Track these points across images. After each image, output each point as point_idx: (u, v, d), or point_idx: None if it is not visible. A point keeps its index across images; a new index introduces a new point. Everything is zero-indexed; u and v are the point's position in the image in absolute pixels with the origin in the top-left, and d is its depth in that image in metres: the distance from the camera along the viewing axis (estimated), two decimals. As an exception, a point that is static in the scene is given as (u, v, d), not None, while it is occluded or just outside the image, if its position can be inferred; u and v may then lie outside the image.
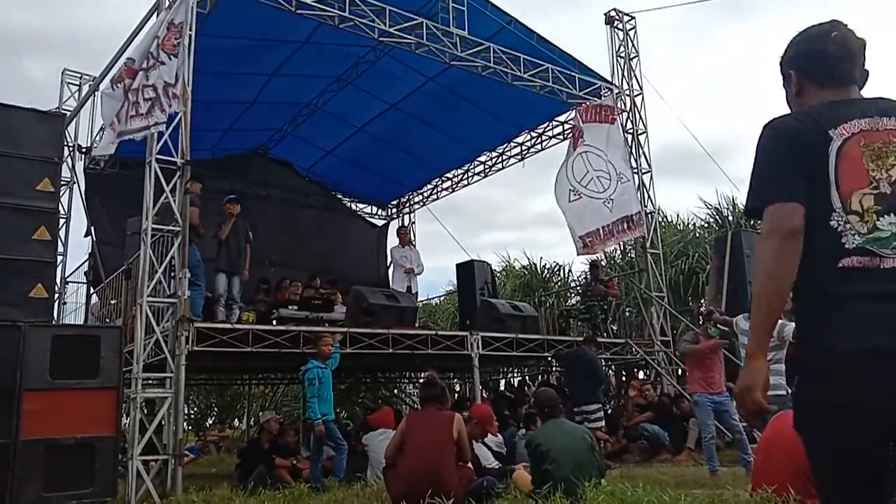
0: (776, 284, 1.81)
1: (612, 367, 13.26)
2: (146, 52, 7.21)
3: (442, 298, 20.51)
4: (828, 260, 1.80)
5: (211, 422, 19.83)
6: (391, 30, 9.14)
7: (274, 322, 9.30)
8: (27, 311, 5.69)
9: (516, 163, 13.91)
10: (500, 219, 53.38)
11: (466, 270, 11.22)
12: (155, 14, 7.78)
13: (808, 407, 1.82)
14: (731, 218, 18.20)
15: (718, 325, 7.02)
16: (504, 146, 13.91)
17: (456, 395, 14.18)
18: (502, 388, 15.28)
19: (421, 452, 5.02)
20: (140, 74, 7.13)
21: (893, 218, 1.80)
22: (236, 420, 19.73)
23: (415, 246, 14.44)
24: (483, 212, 50.26)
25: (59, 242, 9.28)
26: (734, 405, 7.69)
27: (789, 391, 5.46)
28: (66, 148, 8.86)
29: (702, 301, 14.68)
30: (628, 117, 11.80)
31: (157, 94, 6.87)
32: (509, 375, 15.66)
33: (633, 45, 12.11)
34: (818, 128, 1.89)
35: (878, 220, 1.80)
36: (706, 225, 18.76)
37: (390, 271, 11.44)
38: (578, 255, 11.19)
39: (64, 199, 10.51)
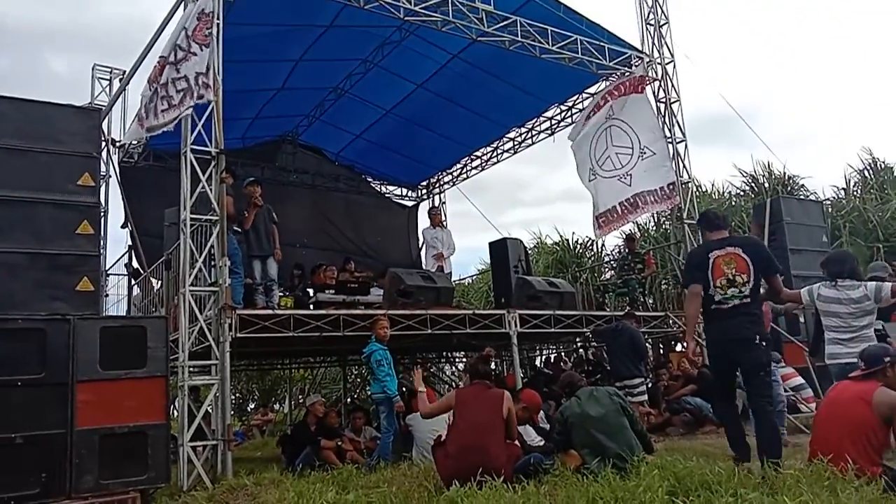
0: (691, 310, 4.98)
1: (651, 340, 13.14)
2: (175, 45, 7.23)
3: (474, 278, 20.50)
4: (709, 304, 4.81)
5: (253, 406, 20.17)
6: (416, 8, 9.04)
7: (312, 306, 9.40)
8: (75, 304, 5.81)
9: (546, 137, 13.75)
10: (527, 196, 53.16)
11: (500, 248, 11.14)
12: (182, 5, 7.79)
13: (708, 356, 5.30)
14: (767, 185, 17.87)
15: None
16: (533, 121, 13.75)
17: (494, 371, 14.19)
18: (538, 364, 15.27)
19: (471, 431, 5.04)
20: (169, 67, 7.16)
21: (731, 289, 4.71)
22: (277, 404, 20.03)
23: (446, 227, 14.44)
24: (509, 189, 50.06)
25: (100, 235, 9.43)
26: (780, 374, 7.67)
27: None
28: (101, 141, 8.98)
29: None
30: (660, 86, 11.55)
31: (189, 84, 6.90)
32: (545, 352, 15.64)
33: (662, 11, 11.82)
34: (706, 252, 4.89)
35: (726, 290, 4.73)
36: (742, 193, 18.44)
37: (422, 253, 11.43)
38: (596, 237, 11.19)
39: (101, 193, 10.66)
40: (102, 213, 10.88)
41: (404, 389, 10.37)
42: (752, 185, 18.35)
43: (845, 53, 60.27)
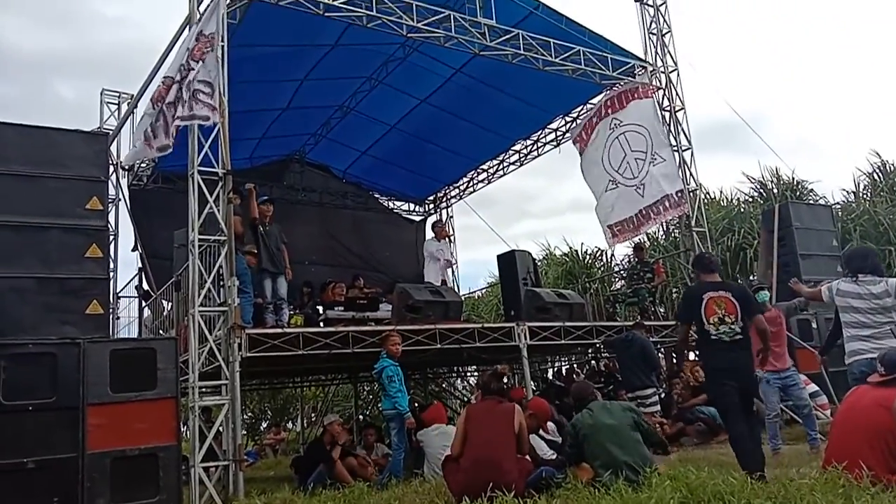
0: (681, 344, 6.47)
1: (663, 349, 13.07)
2: (179, 65, 7.34)
3: (484, 291, 20.47)
4: (706, 338, 5.27)
5: (265, 425, 20.14)
6: (419, 25, 9.10)
7: (321, 324, 9.41)
8: (85, 327, 5.85)
9: (552, 149, 13.73)
10: (534, 207, 53.11)
11: (508, 261, 11.12)
12: (188, 27, 7.89)
13: (707, 382, 6.11)
14: (775, 190, 17.79)
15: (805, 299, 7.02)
16: (538, 133, 13.75)
17: (506, 386, 14.11)
18: (550, 376, 15.19)
19: (483, 445, 5.02)
20: (175, 86, 7.25)
21: (723, 326, 5.19)
22: (290, 422, 20.01)
23: (451, 240, 14.45)
24: (516, 202, 50.06)
25: (110, 259, 9.52)
26: (802, 378, 7.58)
27: None
28: (110, 166, 9.08)
29: (751, 276, 14.37)
30: (664, 94, 11.56)
31: (191, 92, 6.98)
32: (557, 364, 15.56)
33: (664, 20, 11.85)
34: (700, 293, 5.38)
35: (719, 326, 5.21)
36: (750, 199, 18.36)
37: (425, 265, 11.34)
38: (609, 245, 11.17)
39: (111, 216, 10.77)
40: (112, 236, 11.00)
41: (416, 405, 10.35)
42: (761, 191, 18.27)
43: (852, 61, 60.02)
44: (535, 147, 14.09)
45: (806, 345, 9.54)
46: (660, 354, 11.70)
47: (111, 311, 9.90)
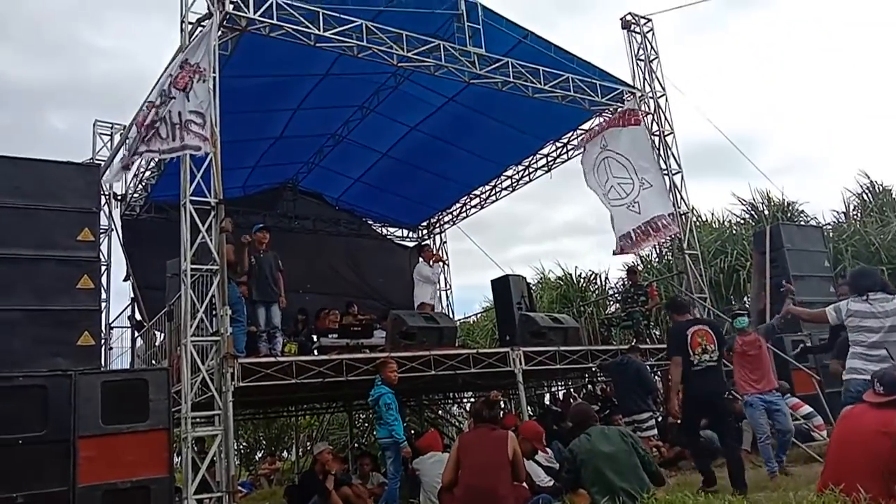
0: (675, 377, 6.43)
1: (659, 372, 13.04)
2: (161, 91, 7.38)
3: (478, 316, 20.43)
4: (689, 367, 6.23)
5: (260, 455, 19.93)
6: (409, 54, 9.20)
7: (315, 352, 9.37)
8: (76, 359, 5.83)
9: (543, 174, 13.82)
10: (527, 232, 53.20)
11: (502, 285, 11.14)
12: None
13: (685, 407, 6.58)
14: (766, 212, 17.90)
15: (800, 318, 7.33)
16: (530, 159, 13.85)
17: (502, 412, 14.04)
18: (547, 401, 15.11)
19: (477, 473, 4.97)
20: (153, 111, 7.29)
21: (704, 356, 6.21)
22: (285, 452, 19.80)
23: (446, 265, 14.39)
24: (509, 226, 50.19)
25: (102, 289, 9.49)
26: (786, 404, 7.55)
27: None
28: (102, 196, 9.08)
29: (745, 298, 14.40)
30: (653, 120, 11.68)
31: (181, 122, 6.99)
32: (553, 389, 15.50)
33: (651, 47, 12.01)
34: (684, 329, 6.38)
35: (701, 356, 6.22)
36: (742, 221, 18.48)
37: (416, 289, 11.26)
38: (614, 254, 11.14)
39: (103, 247, 10.77)
40: (105, 267, 10.98)
41: (412, 432, 10.27)
42: (752, 212, 18.40)
43: (836, 68, 60.55)
44: (526, 172, 14.17)
45: (801, 366, 9.54)
46: (656, 378, 11.67)
47: (103, 341, 9.86)
